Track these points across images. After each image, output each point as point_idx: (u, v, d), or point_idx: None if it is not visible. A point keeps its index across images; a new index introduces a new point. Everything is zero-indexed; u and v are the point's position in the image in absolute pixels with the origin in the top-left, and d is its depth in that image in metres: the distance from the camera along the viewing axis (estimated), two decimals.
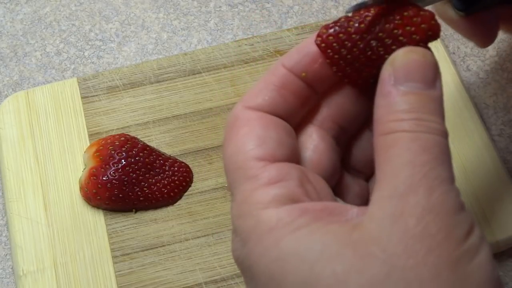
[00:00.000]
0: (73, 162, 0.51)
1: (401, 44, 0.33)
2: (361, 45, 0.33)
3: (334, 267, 0.29)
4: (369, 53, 0.33)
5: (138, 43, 0.58)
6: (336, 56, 0.33)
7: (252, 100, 0.33)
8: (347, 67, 0.33)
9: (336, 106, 0.35)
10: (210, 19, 0.60)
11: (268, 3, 0.60)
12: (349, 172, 0.37)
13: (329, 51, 0.33)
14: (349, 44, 0.33)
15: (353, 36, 0.33)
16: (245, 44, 0.56)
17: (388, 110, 0.31)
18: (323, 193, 0.33)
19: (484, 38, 0.47)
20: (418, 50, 0.32)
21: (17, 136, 0.52)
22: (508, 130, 0.54)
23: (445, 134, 0.32)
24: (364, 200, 0.36)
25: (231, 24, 0.59)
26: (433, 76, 0.32)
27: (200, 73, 0.55)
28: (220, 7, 0.60)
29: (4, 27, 0.59)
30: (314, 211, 0.31)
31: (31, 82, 0.57)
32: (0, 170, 0.52)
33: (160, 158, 0.50)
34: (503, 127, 0.55)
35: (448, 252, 0.29)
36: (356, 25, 0.33)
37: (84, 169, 0.50)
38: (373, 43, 0.33)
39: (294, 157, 0.33)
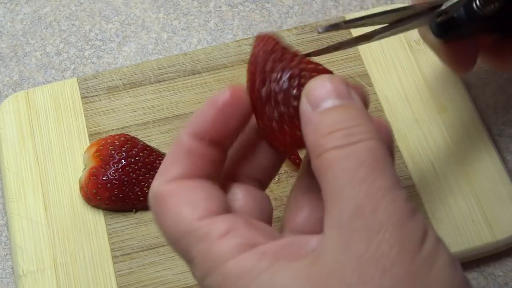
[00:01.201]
0: (73, 162, 0.51)
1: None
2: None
3: None
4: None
5: (138, 43, 0.58)
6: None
7: (168, 174, 0.34)
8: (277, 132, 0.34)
9: (249, 163, 0.36)
10: (210, 19, 0.60)
11: (268, 3, 0.60)
12: (301, 193, 0.37)
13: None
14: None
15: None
16: (245, 44, 0.56)
17: (314, 132, 0.32)
18: (270, 233, 0.33)
19: (461, 65, 0.48)
20: (323, 75, 0.33)
21: (17, 136, 0.52)
22: (508, 130, 0.54)
23: (375, 136, 0.31)
24: (319, 218, 0.36)
25: (231, 24, 0.59)
26: (345, 89, 0.33)
27: (200, 73, 0.55)
28: (220, 7, 0.60)
29: (4, 27, 0.59)
30: (273, 251, 0.31)
31: (31, 82, 0.57)
32: (0, 170, 0.52)
33: (160, 158, 0.50)
34: (503, 127, 0.55)
35: (404, 267, 0.28)
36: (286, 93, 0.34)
37: (84, 169, 0.50)
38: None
39: (227, 208, 0.34)
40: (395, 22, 0.39)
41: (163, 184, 0.34)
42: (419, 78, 0.55)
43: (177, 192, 0.33)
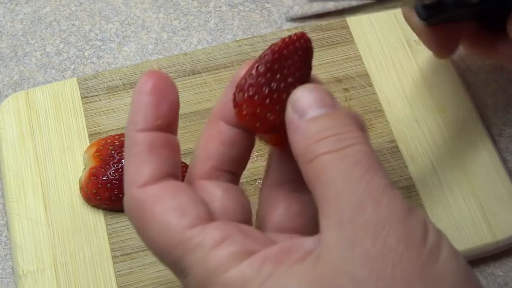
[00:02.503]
0: (73, 162, 0.51)
1: (295, 84, 0.34)
2: (273, 97, 0.34)
3: None
4: (278, 103, 0.34)
5: (138, 43, 0.58)
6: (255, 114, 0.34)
7: (140, 178, 0.33)
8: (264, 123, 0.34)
9: (218, 156, 0.36)
10: (210, 19, 0.60)
11: (268, 3, 0.60)
12: (284, 189, 0.36)
13: (248, 116, 0.34)
14: (265, 101, 0.34)
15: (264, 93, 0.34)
16: (245, 44, 0.56)
17: (304, 139, 0.32)
18: (262, 237, 0.33)
19: (443, 49, 0.48)
20: (309, 85, 0.34)
21: (17, 136, 0.52)
22: (508, 130, 0.54)
23: (366, 141, 0.32)
24: (295, 213, 0.36)
25: (231, 24, 0.59)
26: (331, 99, 0.33)
27: (200, 73, 0.55)
28: (220, 7, 0.60)
29: (4, 27, 0.59)
30: (273, 257, 0.30)
31: (31, 82, 0.57)
32: (0, 170, 0.52)
33: None
34: (503, 127, 0.55)
35: (413, 261, 0.28)
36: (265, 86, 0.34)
37: (84, 169, 0.50)
38: (277, 91, 0.34)
39: (212, 212, 0.33)
40: None
41: (139, 190, 0.32)
42: (419, 78, 0.55)
43: (160, 197, 0.32)
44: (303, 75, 0.35)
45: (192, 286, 0.31)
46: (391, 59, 0.56)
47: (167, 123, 0.34)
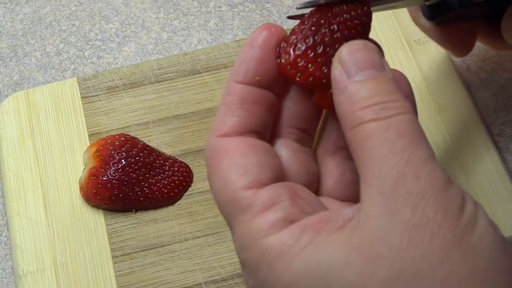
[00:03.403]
0: (73, 162, 0.51)
1: (342, 41, 0.34)
2: (318, 50, 0.34)
3: (346, 276, 0.29)
4: (321, 56, 0.34)
5: (138, 43, 0.58)
6: (300, 68, 0.34)
7: (222, 127, 0.33)
8: (309, 75, 0.34)
9: (289, 112, 0.36)
10: (210, 19, 0.60)
11: (268, 3, 0.60)
12: (339, 156, 0.37)
13: (292, 71, 0.34)
14: (311, 54, 0.34)
15: (310, 44, 0.34)
16: None
17: (350, 102, 0.32)
18: (314, 203, 0.33)
19: (459, 48, 0.48)
20: (357, 42, 0.33)
21: (17, 136, 0.52)
22: (508, 130, 0.54)
23: (411, 110, 0.32)
24: (348, 182, 0.36)
25: (231, 24, 0.59)
26: (380, 60, 0.33)
27: (200, 73, 0.55)
28: (220, 7, 0.60)
29: (4, 27, 0.59)
30: (312, 225, 0.31)
31: (31, 82, 0.57)
32: (0, 170, 0.52)
33: (160, 158, 0.50)
34: (503, 127, 0.55)
35: (450, 230, 0.29)
36: (311, 38, 0.34)
37: (84, 169, 0.50)
38: (323, 45, 0.34)
39: (278, 175, 0.33)
40: None
41: (218, 139, 0.33)
42: (419, 78, 0.55)
43: (231, 151, 0.33)
44: (353, 36, 0.34)
45: (236, 245, 0.32)
46: (391, 59, 0.56)
47: (267, 81, 0.34)
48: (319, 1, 0.34)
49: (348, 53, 0.33)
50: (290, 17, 0.36)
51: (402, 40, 0.56)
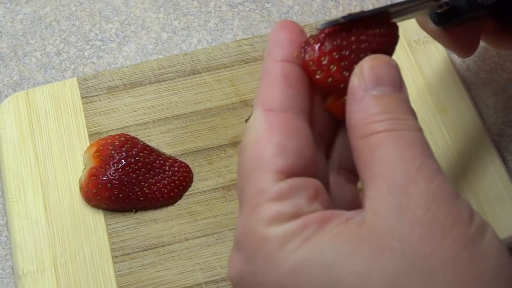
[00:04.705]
0: (73, 162, 0.51)
1: (368, 53, 0.34)
2: (344, 54, 0.34)
3: (354, 265, 0.29)
4: (345, 60, 0.34)
5: (138, 43, 0.58)
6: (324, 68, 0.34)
7: (269, 102, 0.33)
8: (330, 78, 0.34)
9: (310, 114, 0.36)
10: (210, 19, 0.60)
11: (268, 3, 0.60)
12: (340, 176, 0.37)
13: (313, 67, 0.34)
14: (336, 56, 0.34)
15: (338, 47, 0.34)
16: (245, 44, 0.56)
17: (364, 114, 0.32)
18: (328, 206, 0.33)
19: (464, 49, 0.48)
20: (383, 56, 0.34)
21: (17, 136, 0.52)
22: (508, 130, 0.54)
23: (421, 131, 0.33)
24: (348, 203, 0.36)
25: (231, 24, 0.59)
26: (400, 79, 0.33)
27: (200, 73, 0.55)
28: (220, 7, 0.60)
29: (4, 27, 0.59)
30: (316, 220, 0.31)
31: (31, 82, 0.57)
32: (0, 170, 0.52)
33: (160, 158, 0.50)
34: (503, 127, 0.55)
35: (461, 234, 0.29)
36: (338, 41, 0.34)
37: (84, 169, 0.50)
38: (349, 50, 0.34)
39: (310, 169, 0.33)
40: (395, 12, 0.39)
41: (265, 113, 0.33)
42: (419, 78, 0.55)
43: (275, 129, 0.32)
44: (380, 50, 0.34)
45: (238, 224, 0.32)
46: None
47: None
48: (339, 21, 0.34)
49: (372, 65, 0.33)
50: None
51: (402, 40, 0.56)
